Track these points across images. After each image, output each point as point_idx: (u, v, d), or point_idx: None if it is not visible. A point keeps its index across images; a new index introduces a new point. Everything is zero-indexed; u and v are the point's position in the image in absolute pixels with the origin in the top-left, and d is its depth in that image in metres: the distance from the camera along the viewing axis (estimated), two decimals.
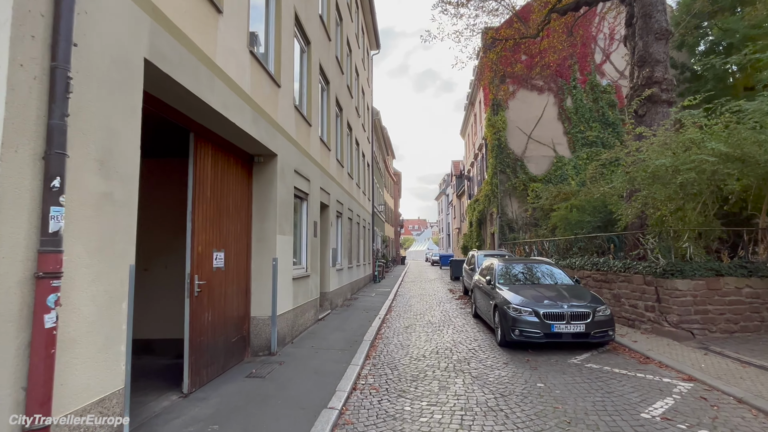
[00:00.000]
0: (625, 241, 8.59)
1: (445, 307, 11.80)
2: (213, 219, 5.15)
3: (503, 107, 21.49)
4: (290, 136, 7.10)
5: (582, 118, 21.41)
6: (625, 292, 8.08)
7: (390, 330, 8.53)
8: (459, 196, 41.93)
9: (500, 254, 13.53)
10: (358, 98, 16.69)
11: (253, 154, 6.32)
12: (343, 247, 12.62)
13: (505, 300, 6.91)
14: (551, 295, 6.92)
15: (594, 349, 6.59)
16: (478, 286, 9.23)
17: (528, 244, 15.09)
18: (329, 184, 10.45)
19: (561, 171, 20.72)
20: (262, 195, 6.36)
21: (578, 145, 21.17)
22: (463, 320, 9.52)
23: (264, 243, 6.29)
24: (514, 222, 20.68)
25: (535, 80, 21.77)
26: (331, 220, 10.63)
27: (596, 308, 6.41)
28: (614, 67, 22.12)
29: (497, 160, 20.98)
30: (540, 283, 7.82)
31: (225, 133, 5.18)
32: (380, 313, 10.24)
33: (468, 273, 13.68)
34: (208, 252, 5.01)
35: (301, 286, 7.75)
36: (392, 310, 11.36)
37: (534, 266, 8.45)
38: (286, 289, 6.83)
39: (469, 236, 30.14)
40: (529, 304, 6.55)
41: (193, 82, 3.92)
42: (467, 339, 7.52)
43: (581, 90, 21.70)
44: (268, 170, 6.41)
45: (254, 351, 6.17)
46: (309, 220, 8.45)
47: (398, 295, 14.99)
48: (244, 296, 6.09)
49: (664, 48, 8.93)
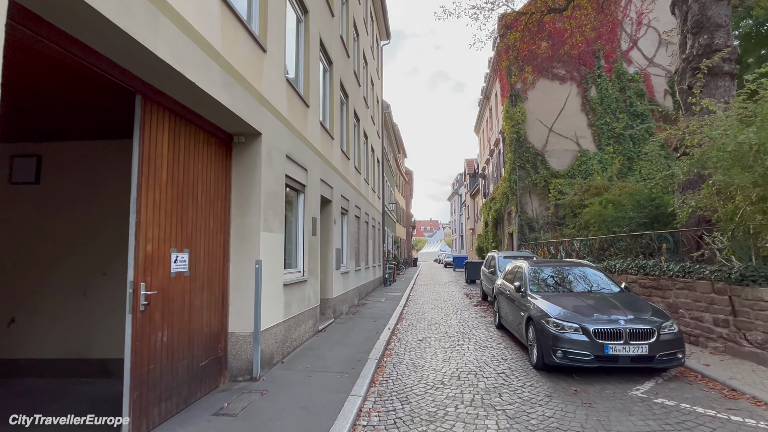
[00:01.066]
0: (683, 240, 7.20)
1: (463, 315, 10.51)
2: (172, 210, 4.00)
3: (522, 98, 20.08)
4: (279, 113, 5.92)
5: (608, 109, 19.88)
6: (684, 302, 6.71)
7: (401, 344, 7.30)
8: (473, 196, 40.46)
9: (523, 256, 12.19)
10: (366, 88, 15.52)
11: (232, 134, 5.16)
12: (349, 248, 11.44)
13: (541, 312, 5.62)
14: (599, 306, 5.60)
15: (657, 376, 5.26)
16: (503, 292, 7.94)
17: (553, 245, 13.69)
18: (332, 176, 9.28)
19: (586, 166, 19.23)
20: (243, 183, 5.20)
21: (604, 138, 19.65)
22: (485, 332, 8.23)
23: (245, 242, 5.12)
24: (534, 221, 19.25)
25: (557, 68, 20.33)
26: (335, 217, 9.46)
27: (661, 324, 5.08)
28: (642, 54, 20.53)
29: (516, 155, 19.59)
30: (581, 291, 6.50)
31: (187, 99, 4.02)
32: (390, 323, 9.02)
33: (487, 277, 12.36)
34: (163, 252, 3.85)
35: (296, 293, 6.58)
36: (404, 319, 10.13)
37: (571, 270, 7.12)
38: (275, 297, 5.65)
39: (485, 237, 28.71)
40: (573, 318, 5.25)
41: (120, 14, 2.75)
42: (494, 358, 6.24)
43: (606, 79, 20.18)
44: (251, 153, 5.24)
45: (233, 375, 5.00)
46: (307, 216, 7.28)
47: (410, 301, 13.74)
48: (220, 308, 4.93)
49: (725, 10, 7.52)
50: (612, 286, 6.60)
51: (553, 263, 7.57)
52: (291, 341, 6.28)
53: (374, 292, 15.79)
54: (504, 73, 20.76)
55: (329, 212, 9.26)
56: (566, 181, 19.02)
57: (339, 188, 10.00)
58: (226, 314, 5.02)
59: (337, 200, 9.81)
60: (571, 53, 20.17)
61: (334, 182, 9.42)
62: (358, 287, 12.71)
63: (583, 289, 6.57)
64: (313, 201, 7.67)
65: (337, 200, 9.75)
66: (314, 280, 7.64)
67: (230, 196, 5.17)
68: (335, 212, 9.54)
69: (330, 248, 9.18)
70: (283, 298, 5.92)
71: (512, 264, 8.78)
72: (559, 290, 6.60)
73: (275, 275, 5.65)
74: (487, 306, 11.97)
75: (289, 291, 6.19)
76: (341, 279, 10.11)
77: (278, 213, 5.79)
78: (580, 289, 6.55)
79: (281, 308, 5.86)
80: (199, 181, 4.49)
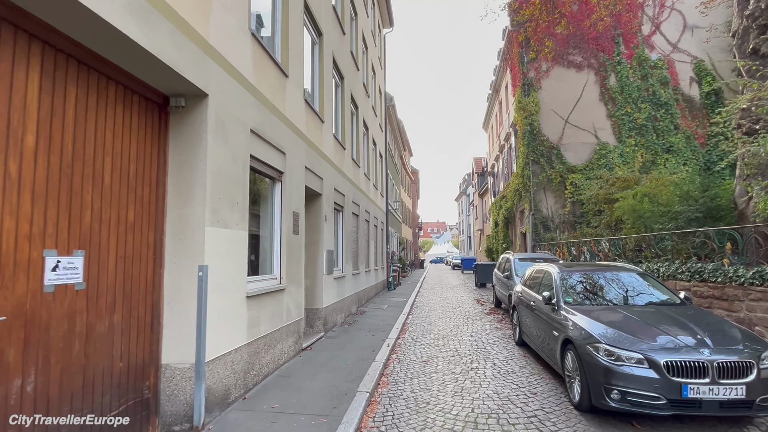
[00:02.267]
0: (758, 238, 5.74)
1: (475, 326, 9.10)
2: (48, 191, 2.68)
3: (535, 87, 18.60)
4: (237, 71, 4.58)
5: (629, 99, 18.34)
6: (762, 317, 5.25)
7: (401, 367, 5.92)
8: (481, 195, 38.96)
9: (543, 258, 10.74)
10: (366, 74, 14.19)
11: (168, 94, 3.84)
12: (345, 249, 10.09)
13: (584, 333, 4.21)
14: (663, 325, 4.18)
15: (750, 425, 3.82)
16: (527, 303, 6.53)
17: (574, 245, 12.20)
18: (322, 165, 7.94)
19: (605, 160, 17.69)
20: (183, 162, 3.86)
21: (625, 130, 18.11)
22: (503, 350, 6.82)
23: (185, 241, 3.78)
24: (549, 220, 17.75)
25: (573, 55, 18.83)
26: (326, 214, 8.11)
27: (761, 355, 3.64)
28: (666, 39, 18.95)
29: (529, 149, 18.11)
30: (631, 304, 5.07)
31: (70, 28, 2.69)
32: (390, 337, 7.65)
33: (501, 282, 10.93)
34: (26, 255, 2.53)
35: (269, 306, 5.23)
36: (406, 330, 8.74)
37: (612, 275, 5.69)
38: (233, 313, 4.31)
39: (494, 237, 27.21)
40: (632, 344, 3.84)
41: None
42: (519, 391, 4.83)
43: (627, 66, 18.63)
44: (194, 120, 3.91)
45: (166, 423, 3.66)
46: (286, 211, 5.94)
47: (415, 307, 12.35)
48: (148, 331, 3.60)
49: None
50: (668, 297, 5.16)
51: (588, 267, 6.14)
52: (259, 368, 4.92)
53: (376, 297, 14.42)
54: (516, 61, 19.31)
55: (318, 207, 7.91)
56: (584, 176, 17.53)
57: (331, 180, 8.66)
58: (158, 340, 3.68)
59: (329, 194, 8.46)
60: (588, 38, 18.71)
61: (324, 173, 8.09)
62: (357, 293, 11.35)
63: (634, 300, 5.14)
64: (295, 192, 6.33)
65: (328, 194, 8.41)
66: (296, 288, 6.30)
67: (166, 179, 3.84)
68: (326, 208, 8.19)
69: (320, 250, 7.83)
70: (246, 314, 4.57)
71: (534, 268, 7.37)
72: (602, 302, 5.18)
73: (233, 284, 4.31)
74: (502, 315, 10.54)
75: (256, 304, 4.84)
76: (334, 285, 8.75)
77: (238, 203, 4.45)
78: (630, 302, 5.12)
79: (243, 327, 4.52)
80: (107, 155, 3.17)
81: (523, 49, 18.75)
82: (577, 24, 18.44)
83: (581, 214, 17.08)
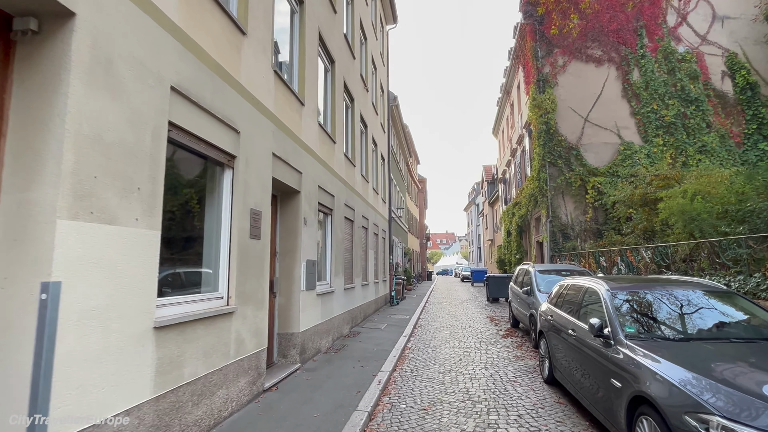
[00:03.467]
0: None
1: (489, 353, 7.48)
2: None
3: (551, 83, 17.11)
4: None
5: (654, 95, 16.75)
6: None
7: (392, 420, 4.35)
8: (491, 204, 37.28)
9: (569, 269, 9.11)
10: (365, 64, 12.86)
11: (11, 14, 2.43)
12: (335, 260, 8.59)
13: (674, 390, 2.63)
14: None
15: None
16: (559, 329, 4.94)
17: (604, 255, 10.52)
18: (300, 155, 6.51)
19: (631, 161, 16.04)
20: (30, 117, 2.43)
21: (651, 129, 16.49)
22: (530, 391, 5.21)
23: (22, 243, 2.33)
24: (569, 227, 16.08)
25: (592, 49, 17.35)
26: (305, 216, 6.64)
27: None
28: (693, 31, 17.41)
29: (545, 149, 16.54)
30: (725, 337, 3.47)
31: None
32: (383, 369, 6.09)
33: (520, 299, 9.31)
34: None
35: (203, 338, 3.73)
36: (406, 359, 7.17)
37: (683, 295, 4.08)
38: (123, 356, 2.82)
39: (506, 248, 25.48)
40: (760, 414, 2.26)
41: None
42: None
43: (652, 59, 17.08)
44: (50, 55, 2.48)
45: None
46: (238, 207, 4.49)
47: (419, 327, 10.75)
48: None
49: None
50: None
51: (647, 283, 4.52)
52: (183, 430, 3.41)
53: (375, 314, 12.83)
54: (529, 56, 17.88)
55: (295, 208, 6.45)
56: (607, 179, 15.90)
57: (314, 176, 7.21)
58: None
59: (311, 192, 7.00)
60: (608, 30, 17.23)
61: (304, 165, 6.65)
62: (350, 311, 9.80)
63: (728, 332, 3.54)
64: (255, 184, 4.88)
65: (310, 192, 6.95)
66: (254, 311, 4.79)
67: (3, 144, 2.41)
68: (306, 208, 6.73)
69: (297, 260, 6.34)
70: (152, 354, 3.08)
71: (565, 284, 5.81)
72: (682, 335, 3.58)
73: (127, 311, 2.83)
74: (521, 337, 8.90)
75: (177, 337, 3.35)
76: (318, 303, 7.23)
77: (142, 190, 2.99)
78: (724, 334, 3.52)
79: (146, 374, 3.02)
80: None
81: (537, 43, 17.33)
82: (590, 26, 17.06)
83: (605, 220, 15.41)
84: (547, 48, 17.38)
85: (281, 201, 6.42)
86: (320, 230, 8.08)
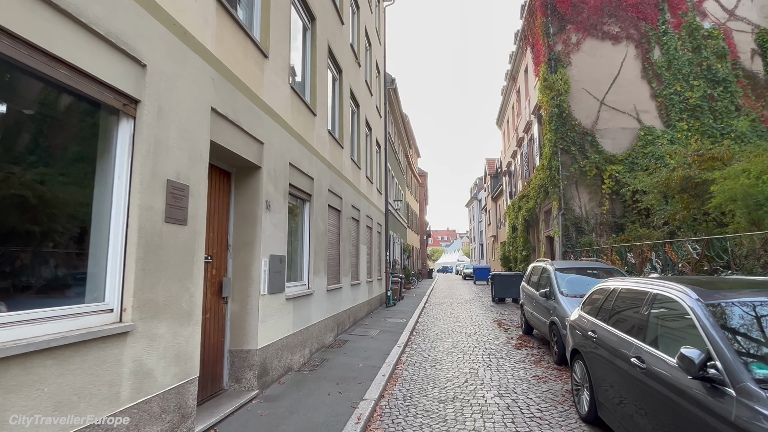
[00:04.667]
0: None
1: (502, 371, 6.02)
2: None
3: (564, 62, 15.57)
4: None
5: (678, 75, 15.19)
6: None
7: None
8: (495, 199, 35.74)
9: (594, 267, 7.64)
10: (357, 36, 11.36)
11: None
12: (315, 256, 7.13)
13: None
14: None
15: None
16: (618, 357, 3.48)
17: (632, 250, 9.03)
18: (258, 118, 5.04)
19: (652, 147, 14.52)
20: None
21: (674, 112, 14.96)
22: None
23: None
24: (583, 221, 14.58)
25: (608, 25, 15.80)
26: (268, 199, 5.18)
27: None
28: (720, 5, 15.84)
29: (557, 135, 15.01)
30: None
31: None
32: (366, 398, 4.64)
33: (536, 302, 7.84)
34: None
35: (67, 374, 2.28)
36: (398, 379, 5.73)
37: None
38: None
39: (511, 244, 23.98)
40: None
41: None
42: None
43: (675, 36, 15.52)
44: None
45: None
46: (142, 176, 3.03)
47: (416, 333, 9.30)
48: None
49: None
50: None
51: (754, 283, 3.04)
52: None
53: (368, 317, 11.39)
54: (539, 33, 16.33)
55: (254, 188, 4.98)
56: (626, 168, 14.40)
57: (283, 149, 5.74)
58: None
59: (278, 169, 5.53)
60: (626, 4, 15.68)
61: (268, 134, 5.18)
62: (336, 315, 8.35)
63: None
64: (174, 144, 3.41)
65: (277, 169, 5.48)
66: (172, 327, 3.34)
67: None
68: (270, 189, 5.25)
69: (255, 255, 4.87)
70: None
71: (603, 287, 4.39)
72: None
73: None
74: (538, 348, 7.45)
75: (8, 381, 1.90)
76: (287, 310, 5.77)
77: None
78: None
79: None
80: None
81: (549, 18, 15.78)
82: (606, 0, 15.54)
83: (623, 212, 13.93)
84: (559, 24, 15.84)
85: (236, 179, 4.97)
86: (295, 219, 6.62)
